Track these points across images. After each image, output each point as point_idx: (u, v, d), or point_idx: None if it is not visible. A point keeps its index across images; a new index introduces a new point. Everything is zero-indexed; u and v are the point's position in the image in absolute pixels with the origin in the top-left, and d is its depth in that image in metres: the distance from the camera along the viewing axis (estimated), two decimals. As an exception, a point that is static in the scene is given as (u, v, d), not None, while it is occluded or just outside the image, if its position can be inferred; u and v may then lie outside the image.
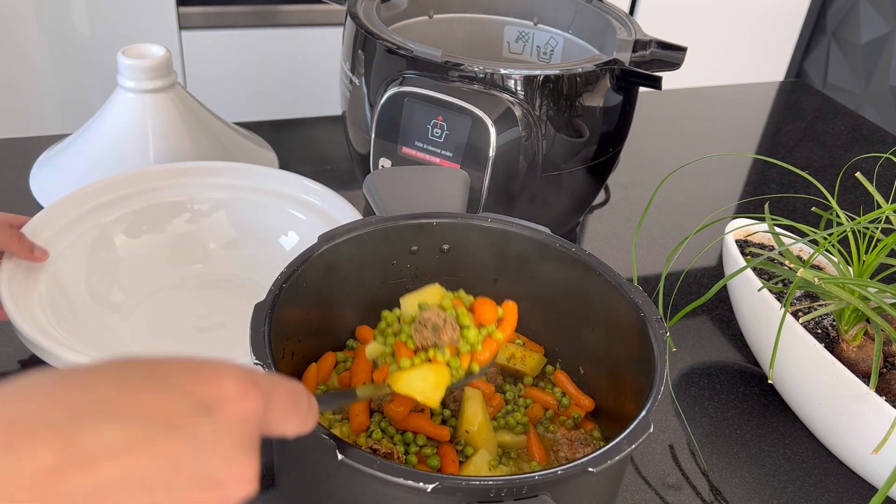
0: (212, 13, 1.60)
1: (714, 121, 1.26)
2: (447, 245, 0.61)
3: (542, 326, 0.64)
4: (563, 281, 0.60)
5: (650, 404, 0.47)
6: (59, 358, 0.59)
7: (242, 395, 0.31)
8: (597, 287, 0.57)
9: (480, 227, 0.60)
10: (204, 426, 0.29)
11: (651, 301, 0.54)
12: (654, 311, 0.53)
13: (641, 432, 0.44)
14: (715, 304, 0.84)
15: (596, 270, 0.57)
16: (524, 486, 0.41)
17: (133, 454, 0.27)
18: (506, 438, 0.58)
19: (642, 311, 0.53)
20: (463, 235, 0.61)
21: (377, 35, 0.77)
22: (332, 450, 0.40)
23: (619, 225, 0.97)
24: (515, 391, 0.62)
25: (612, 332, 0.58)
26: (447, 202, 0.63)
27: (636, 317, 0.54)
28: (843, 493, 0.65)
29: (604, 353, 0.59)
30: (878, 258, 0.65)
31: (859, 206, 1.02)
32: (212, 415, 0.30)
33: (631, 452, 0.43)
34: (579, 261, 0.58)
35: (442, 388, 0.48)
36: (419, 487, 0.39)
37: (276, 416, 0.34)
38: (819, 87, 2.16)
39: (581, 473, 0.42)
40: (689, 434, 0.69)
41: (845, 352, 0.67)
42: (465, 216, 0.61)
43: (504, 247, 0.61)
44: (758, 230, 0.79)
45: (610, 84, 0.77)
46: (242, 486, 0.30)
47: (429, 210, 0.60)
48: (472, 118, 0.73)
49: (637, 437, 0.44)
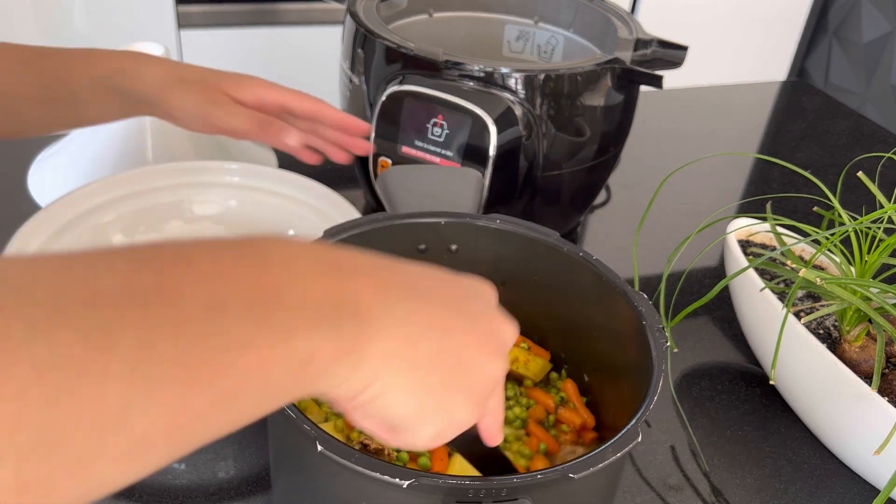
0: (211, 12, 1.60)
1: (715, 120, 1.26)
2: (455, 245, 0.61)
3: (549, 331, 0.64)
4: (569, 286, 0.60)
5: (640, 413, 0.46)
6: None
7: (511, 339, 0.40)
8: (602, 293, 0.57)
9: (489, 228, 0.60)
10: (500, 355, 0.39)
11: (654, 309, 0.54)
12: (657, 319, 0.53)
13: (629, 441, 0.44)
14: (716, 305, 0.84)
15: (602, 276, 0.57)
16: (503, 489, 0.40)
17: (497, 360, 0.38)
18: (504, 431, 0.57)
19: (645, 320, 0.53)
20: (471, 236, 0.60)
21: (377, 34, 0.77)
22: (313, 441, 0.40)
23: (619, 225, 0.97)
24: (517, 390, 0.61)
25: (615, 338, 0.57)
26: (459, 203, 0.63)
27: (638, 324, 0.53)
28: (845, 494, 0.64)
29: (606, 359, 0.59)
30: (880, 258, 0.65)
31: (861, 206, 1.01)
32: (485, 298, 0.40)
33: (618, 461, 0.43)
34: (585, 266, 0.58)
35: None
36: (395, 483, 0.39)
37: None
38: (821, 87, 2.15)
39: (562, 479, 0.41)
40: (690, 435, 0.69)
41: (847, 352, 0.66)
42: (473, 217, 0.60)
43: (512, 249, 0.60)
44: (759, 230, 0.79)
45: (611, 83, 0.77)
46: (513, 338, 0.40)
47: (440, 210, 0.60)
48: (472, 117, 0.72)
49: (623, 446, 0.43)
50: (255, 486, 0.60)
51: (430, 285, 0.37)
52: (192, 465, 0.62)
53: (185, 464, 0.62)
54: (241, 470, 0.62)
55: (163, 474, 0.61)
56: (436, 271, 0.38)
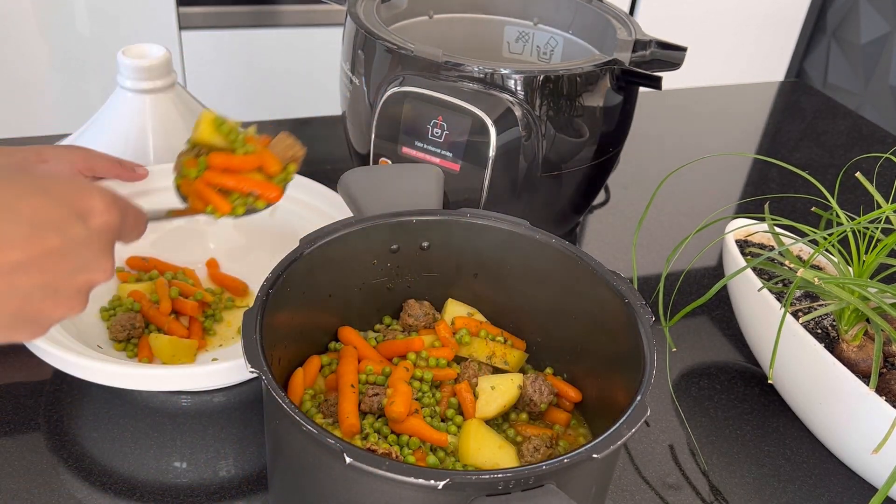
0: (212, 13, 1.60)
1: (714, 121, 1.26)
2: (427, 242, 0.62)
3: (525, 321, 0.64)
4: (544, 273, 0.60)
5: (644, 387, 0.47)
6: (53, 356, 0.59)
7: (106, 210, 0.42)
8: (579, 277, 0.58)
9: (459, 222, 0.61)
10: (79, 230, 0.40)
11: (634, 288, 0.55)
12: (638, 297, 0.54)
13: (639, 416, 0.45)
14: (715, 305, 0.84)
15: (577, 260, 0.57)
16: (531, 477, 0.41)
17: (28, 248, 0.38)
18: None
19: (626, 299, 0.54)
20: (442, 232, 0.61)
21: (377, 35, 0.77)
22: (340, 454, 0.41)
23: (619, 225, 0.97)
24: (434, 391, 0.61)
25: (598, 322, 0.58)
26: (423, 199, 0.64)
27: (621, 305, 0.54)
28: (843, 493, 0.65)
29: (589, 345, 0.59)
30: (878, 258, 0.65)
31: (859, 206, 1.02)
32: (85, 222, 0.41)
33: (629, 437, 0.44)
34: (560, 251, 0.59)
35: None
36: (430, 485, 0.40)
37: (125, 229, 0.45)
38: (819, 87, 2.16)
39: (586, 460, 0.42)
40: (689, 434, 0.69)
41: (845, 352, 0.67)
42: (443, 213, 0.61)
43: (483, 241, 0.61)
44: (758, 230, 0.79)
45: (610, 84, 0.77)
46: (104, 274, 0.43)
47: (405, 208, 0.61)
48: (472, 118, 0.73)
49: (636, 422, 0.45)
50: (255, 485, 0.61)
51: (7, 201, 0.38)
52: (193, 464, 0.62)
53: (186, 463, 0.62)
54: (242, 469, 0.62)
55: (164, 473, 0.61)
56: (27, 187, 0.39)
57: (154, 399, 0.67)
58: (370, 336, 0.64)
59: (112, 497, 0.59)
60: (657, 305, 0.78)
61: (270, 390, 0.44)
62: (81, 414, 0.65)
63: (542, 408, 0.59)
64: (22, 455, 0.61)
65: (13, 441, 0.62)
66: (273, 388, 0.44)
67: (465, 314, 0.64)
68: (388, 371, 0.59)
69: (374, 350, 0.62)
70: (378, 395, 0.56)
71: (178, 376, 0.59)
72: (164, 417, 0.66)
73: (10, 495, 0.58)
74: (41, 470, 0.60)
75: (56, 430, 0.64)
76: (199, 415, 0.66)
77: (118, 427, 0.64)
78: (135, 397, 0.67)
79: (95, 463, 0.61)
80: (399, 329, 0.64)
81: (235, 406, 0.67)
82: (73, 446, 0.62)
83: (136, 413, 0.66)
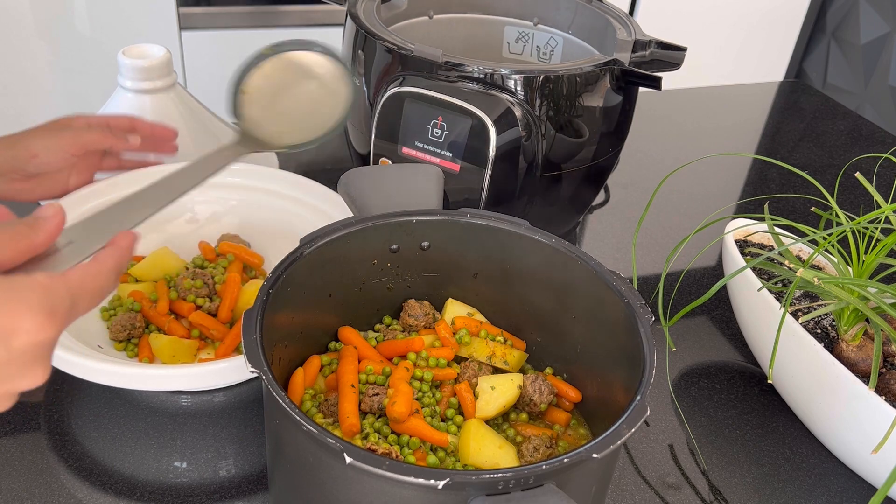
0: (212, 13, 1.60)
1: (714, 121, 1.26)
2: (427, 242, 0.62)
3: (525, 321, 0.64)
4: (544, 273, 0.60)
5: (644, 387, 0.47)
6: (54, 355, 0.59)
7: (37, 330, 0.39)
8: (578, 278, 0.58)
9: (459, 222, 0.61)
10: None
11: (634, 288, 0.55)
12: (638, 297, 0.54)
13: (639, 416, 0.45)
14: (714, 304, 0.84)
15: (577, 260, 0.57)
16: (531, 477, 0.41)
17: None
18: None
19: (626, 299, 0.54)
20: (442, 232, 0.61)
21: (377, 35, 0.77)
22: (340, 453, 0.41)
23: (618, 225, 0.98)
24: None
25: (597, 322, 0.58)
26: (423, 199, 0.64)
27: (621, 305, 0.54)
28: (843, 492, 0.65)
29: (589, 344, 0.59)
30: (877, 258, 0.65)
31: (859, 206, 1.02)
32: (6, 343, 0.39)
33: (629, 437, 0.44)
34: (560, 251, 0.59)
35: None
36: (430, 485, 0.40)
37: (79, 312, 0.42)
38: (819, 88, 2.16)
39: (586, 460, 0.42)
40: (688, 434, 0.69)
41: (845, 352, 0.67)
42: (443, 212, 0.61)
43: (483, 241, 0.61)
44: (757, 230, 0.79)
45: (610, 84, 0.77)
46: (32, 382, 0.41)
47: (405, 208, 0.61)
48: (471, 118, 0.73)
49: (635, 422, 0.45)
50: (255, 485, 0.61)
51: None
52: (193, 463, 0.62)
53: (186, 463, 0.62)
54: (242, 469, 0.62)
55: (164, 473, 0.61)
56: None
57: (154, 399, 0.67)
58: (370, 336, 0.64)
59: (112, 497, 0.59)
60: (657, 305, 0.78)
61: (270, 390, 0.44)
62: (81, 414, 0.65)
63: (542, 408, 0.59)
64: (22, 455, 0.61)
65: (13, 441, 0.62)
66: (273, 387, 0.44)
67: (465, 314, 0.65)
68: (388, 371, 0.59)
69: (374, 350, 0.62)
70: (378, 394, 0.56)
71: (178, 376, 0.59)
72: (164, 417, 0.66)
73: (10, 495, 0.58)
74: (41, 470, 0.60)
75: (56, 429, 0.64)
76: (199, 415, 0.66)
77: (118, 427, 0.64)
78: (135, 397, 0.67)
79: (95, 463, 0.61)
80: (399, 329, 0.64)
81: (235, 406, 0.67)
82: (73, 446, 0.62)
83: (136, 413, 0.66)
